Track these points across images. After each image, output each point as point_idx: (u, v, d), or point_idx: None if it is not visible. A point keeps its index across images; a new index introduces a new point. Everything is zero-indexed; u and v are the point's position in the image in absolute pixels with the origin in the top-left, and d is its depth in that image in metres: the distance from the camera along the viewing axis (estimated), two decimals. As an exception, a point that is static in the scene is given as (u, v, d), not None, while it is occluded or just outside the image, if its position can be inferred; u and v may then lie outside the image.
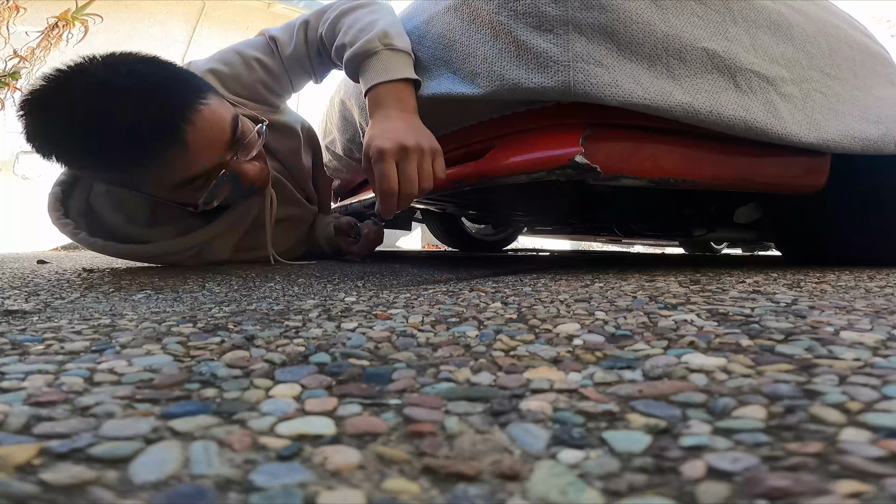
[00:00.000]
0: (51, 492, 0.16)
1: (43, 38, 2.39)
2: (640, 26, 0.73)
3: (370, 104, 0.84)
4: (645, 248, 3.98)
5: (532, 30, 0.72)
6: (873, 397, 0.23)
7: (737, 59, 0.79)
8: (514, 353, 0.32)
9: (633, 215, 1.71)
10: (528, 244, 4.21)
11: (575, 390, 0.25)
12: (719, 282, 0.67)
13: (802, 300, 0.50)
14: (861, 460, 0.18)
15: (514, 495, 0.16)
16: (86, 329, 0.39)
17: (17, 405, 0.23)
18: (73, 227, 0.97)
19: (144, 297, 0.60)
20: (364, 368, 0.29)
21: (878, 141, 0.93)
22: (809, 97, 0.88)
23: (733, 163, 0.87)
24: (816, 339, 0.33)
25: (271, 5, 3.80)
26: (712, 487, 0.16)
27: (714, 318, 0.41)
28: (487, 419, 0.22)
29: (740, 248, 3.25)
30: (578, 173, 0.73)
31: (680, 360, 0.29)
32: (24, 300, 0.57)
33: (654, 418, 0.22)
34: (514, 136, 0.82)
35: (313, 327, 0.40)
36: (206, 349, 0.33)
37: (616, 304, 0.49)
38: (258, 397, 0.24)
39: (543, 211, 1.79)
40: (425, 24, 0.89)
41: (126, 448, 0.19)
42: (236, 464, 0.18)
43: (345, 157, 1.36)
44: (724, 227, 1.68)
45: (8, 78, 2.32)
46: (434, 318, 0.43)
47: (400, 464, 0.18)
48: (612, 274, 0.82)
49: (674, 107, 0.73)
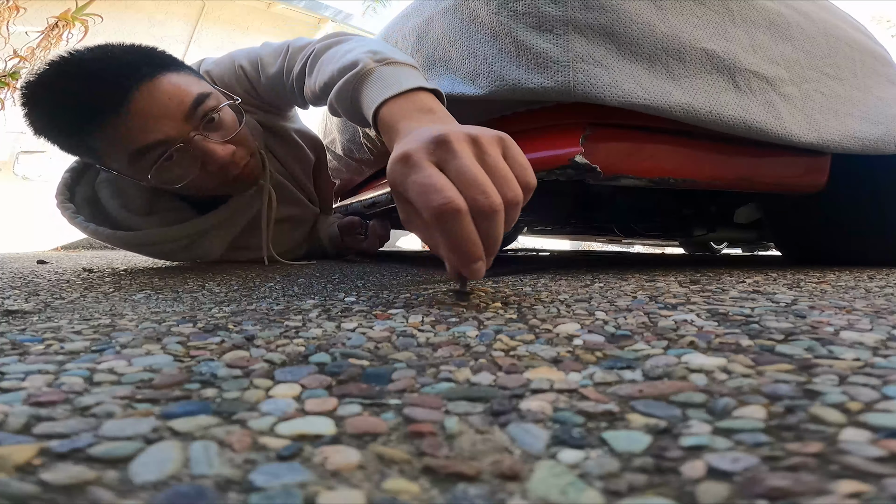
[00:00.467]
0: (51, 492, 0.16)
1: (43, 38, 2.39)
2: (640, 27, 0.73)
3: (384, 132, 0.60)
4: (645, 248, 3.98)
5: (532, 30, 0.72)
6: (873, 397, 0.23)
7: (736, 60, 0.79)
8: (514, 353, 0.32)
9: (633, 215, 1.71)
10: (528, 244, 4.21)
11: (575, 390, 0.25)
12: (719, 282, 0.67)
13: (802, 300, 0.50)
14: (861, 460, 0.18)
15: (514, 495, 0.16)
16: (86, 329, 0.39)
17: (17, 405, 0.23)
18: (72, 211, 0.99)
19: (144, 297, 0.60)
20: (364, 368, 0.29)
21: (878, 141, 0.93)
22: (809, 97, 0.88)
23: (733, 163, 0.87)
24: (816, 339, 0.33)
25: (271, 5, 3.80)
26: (712, 487, 0.16)
27: (714, 318, 0.41)
28: (487, 419, 0.22)
29: (740, 248, 3.25)
30: (578, 173, 0.73)
31: (680, 360, 0.29)
32: (24, 300, 0.57)
33: (654, 418, 0.22)
34: (514, 135, 0.82)
35: (313, 327, 0.40)
36: (206, 349, 0.33)
37: (616, 304, 0.49)
38: (258, 397, 0.24)
39: (543, 211, 1.79)
40: (425, 24, 0.89)
41: (126, 448, 0.19)
42: (236, 464, 0.18)
43: (345, 157, 1.36)
44: (724, 227, 1.68)
45: (8, 78, 2.32)
46: (434, 318, 0.43)
47: (400, 464, 0.18)
48: (612, 274, 0.82)
49: (674, 107, 0.73)
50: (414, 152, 0.45)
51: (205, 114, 0.87)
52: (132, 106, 0.80)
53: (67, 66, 0.80)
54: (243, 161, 0.95)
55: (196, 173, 0.90)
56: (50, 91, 0.81)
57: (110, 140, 0.83)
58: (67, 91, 0.80)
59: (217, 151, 0.88)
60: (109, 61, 0.81)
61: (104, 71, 0.80)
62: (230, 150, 0.91)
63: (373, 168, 1.30)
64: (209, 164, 0.89)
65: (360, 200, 1.25)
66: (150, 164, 0.85)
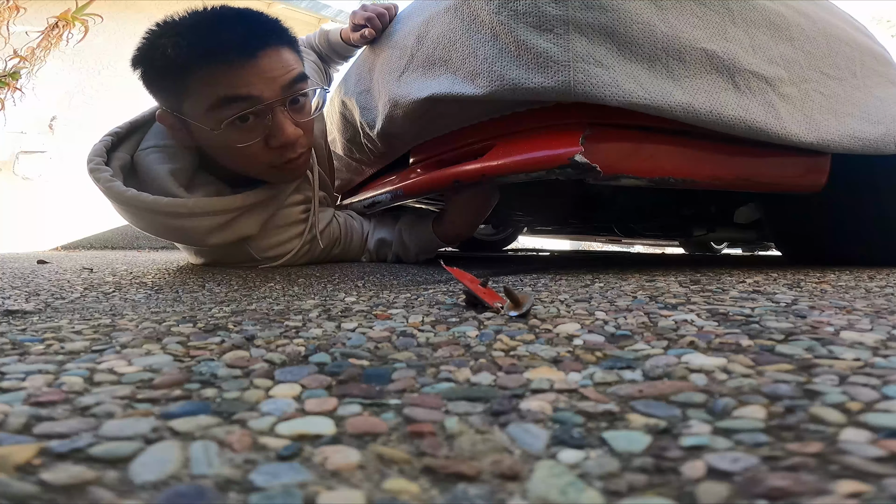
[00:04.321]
0: (51, 492, 0.16)
1: (43, 38, 2.39)
2: (640, 26, 0.73)
3: None
4: (645, 248, 3.98)
5: (532, 30, 0.72)
6: (873, 397, 0.23)
7: (736, 60, 0.79)
8: (514, 353, 0.32)
9: (633, 215, 1.71)
10: (529, 244, 4.21)
11: (575, 390, 0.25)
12: (719, 282, 0.67)
13: (802, 300, 0.50)
14: (861, 460, 0.18)
15: (514, 495, 0.16)
16: (86, 329, 0.39)
17: (17, 405, 0.23)
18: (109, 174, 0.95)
19: (144, 297, 0.60)
20: (364, 368, 0.29)
21: (878, 141, 0.93)
22: (809, 97, 0.88)
23: (733, 163, 0.87)
24: (816, 339, 0.33)
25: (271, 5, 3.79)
26: (712, 487, 0.16)
27: (714, 318, 0.41)
28: (487, 419, 0.22)
29: (740, 248, 3.25)
30: (578, 173, 0.73)
31: (680, 360, 0.29)
32: (24, 300, 0.56)
33: (654, 418, 0.22)
34: (514, 135, 0.82)
35: (313, 327, 0.40)
36: (206, 349, 0.33)
37: (616, 304, 0.49)
38: (258, 397, 0.24)
39: (543, 211, 1.79)
40: (425, 24, 0.89)
41: (126, 448, 0.19)
42: (236, 464, 0.18)
43: (345, 157, 1.36)
44: (724, 227, 1.68)
45: (8, 78, 2.32)
46: (434, 318, 0.43)
47: (400, 464, 0.18)
48: (612, 274, 0.82)
49: (674, 107, 0.73)
50: None
51: (297, 91, 0.93)
52: (258, 59, 0.87)
53: (223, 8, 0.89)
54: (301, 149, 0.99)
55: (257, 142, 0.93)
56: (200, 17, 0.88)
57: (209, 80, 0.87)
58: (223, 18, 0.88)
59: (287, 128, 0.93)
60: (259, 16, 0.93)
61: (255, 20, 0.91)
62: (298, 132, 0.95)
63: (373, 168, 1.30)
64: (275, 137, 0.93)
65: (360, 200, 1.25)
66: (228, 116, 0.89)
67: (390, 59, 0.99)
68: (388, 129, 1.03)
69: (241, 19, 0.90)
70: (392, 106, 0.96)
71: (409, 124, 0.96)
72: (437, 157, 0.99)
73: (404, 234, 1.17)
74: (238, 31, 0.88)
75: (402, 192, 1.01)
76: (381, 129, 1.04)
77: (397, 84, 0.95)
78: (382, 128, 1.04)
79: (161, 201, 0.92)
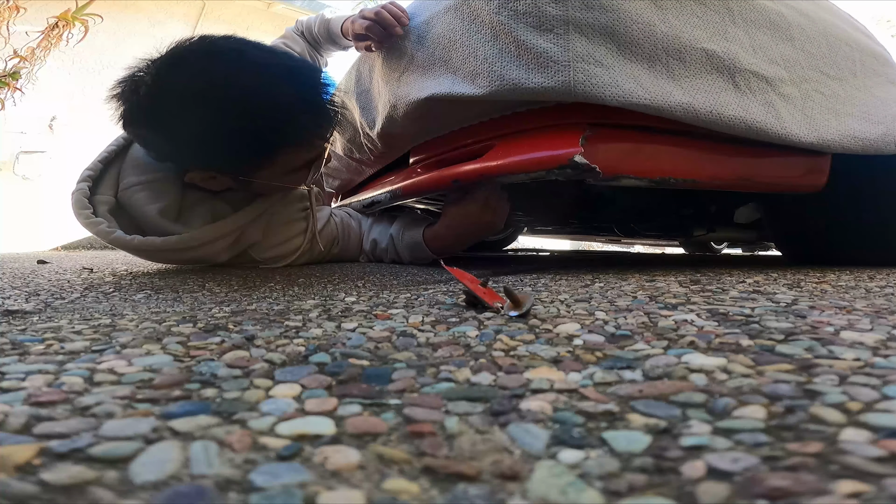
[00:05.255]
0: (51, 492, 0.16)
1: (43, 38, 2.39)
2: (641, 27, 0.73)
3: None
4: (645, 248, 3.98)
5: (532, 30, 0.72)
6: (873, 397, 0.23)
7: (736, 60, 0.79)
8: (514, 353, 0.32)
9: (633, 215, 1.71)
10: (529, 244, 4.21)
11: (575, 390, 0.25)
12: (719, 282, 0.67)
13: (802, 300, 0.50)
14: (861, 460, 0.18)
15: (514, 495, 0.16)
16: (86, 329, 0.39)
17: (17, 405, 0.23)
18: (106, 226, 0.92)
19: (144, 297, 0.60)
20: (364, 368, 0.29)
21: (877, 141, 0.93)
22: (809, 97, 0.88)
23: (733, 163, 0.87)
24: (816, 339, 0.33)
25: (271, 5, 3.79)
26: (712, 487, 0.16)
27: (714, 318, 0.41)
28: (487, 419, 0.22)
29: (740, 248, 3.25)
30: (578, 173, 0.73)
31: (680, 360, 0.29)
32: (24, 300, 0.56)
33: (654, 418, 0.22)
34: (514, 135, 0.82)
35: (313, 327, 0.40)
36: (206, 349, 0.33)
37: (616, 304, 0.49)
38: (258, 397, 0.24)
39: (543, 211, 1.79)
40: (425, 24, 0.89)
41: (126, 448, 0.19)
42: (236, 464, 0.18)
43: (345, 157, 1.36)
44: (724, 227, 1.68)
45: (8, 78, 2.32)
46: (434, 318, 0.43)
47: (400, 464, 0.18)
48: (612, 274, 0.82)
49: (674, 107, 0.73)
50: None
51: None
52: (331, 118, 0.94)
53: (282, 75, 0.88)
54: None
55: None
56: (269, 92, 0.85)
57: (297, 152, 0.94)
58: (271, 102, 0.86)
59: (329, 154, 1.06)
60: (314, 72, 0.95)
61: (313, 78, 0.92)
62: None
63: (373, 168, 1.30)
64: (325, 165, 1.05)
65: (359, 200, 1.25)
66: (311, 172, 1.00)
67: (390, 59, 0.99)
68: (388, 129, 1.03)
69: (303, 86, 0.90)
70: (392, 106, 0.96)
71: (409, 124, 0.96)
72: (437, 157, 0.99)
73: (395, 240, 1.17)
74: (313, 100, 0.89)
75: (402, 192, 1.01)
76: (381, 129, 1.04)
77: (397, 84, 0.95)
78: (382, 128, 1.04)
79: (171, 240, 0.92)
